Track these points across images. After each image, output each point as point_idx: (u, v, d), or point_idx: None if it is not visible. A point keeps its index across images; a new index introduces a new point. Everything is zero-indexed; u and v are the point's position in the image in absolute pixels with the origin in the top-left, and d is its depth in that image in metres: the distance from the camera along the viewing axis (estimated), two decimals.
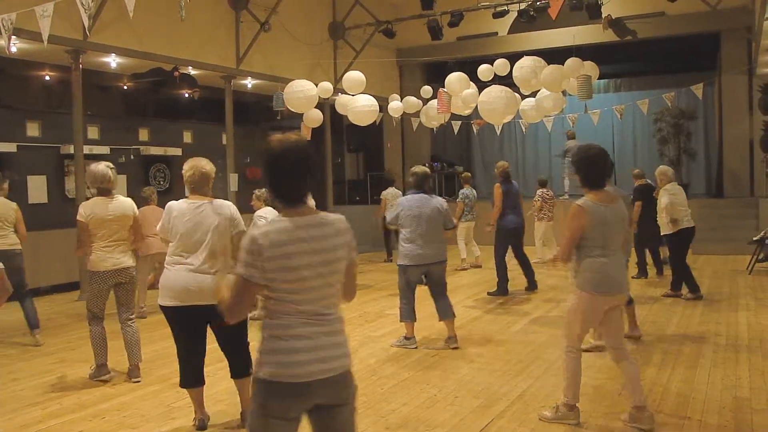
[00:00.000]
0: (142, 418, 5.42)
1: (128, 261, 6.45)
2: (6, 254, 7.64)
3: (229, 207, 5.16)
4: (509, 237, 10.56)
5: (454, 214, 13.25)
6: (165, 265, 5.03)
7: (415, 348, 7.44)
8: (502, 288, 10.48)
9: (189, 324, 5.02)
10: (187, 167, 5.10)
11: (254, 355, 2.93)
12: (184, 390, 6.01)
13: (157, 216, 9.29)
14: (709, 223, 15.47)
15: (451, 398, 5.71)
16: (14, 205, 8.00)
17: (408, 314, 7.51)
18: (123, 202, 6.42)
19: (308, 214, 2.90)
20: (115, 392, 6.12)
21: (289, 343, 2.81)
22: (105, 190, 6.30)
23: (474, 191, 13.39)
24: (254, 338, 5.22)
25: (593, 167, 4.87)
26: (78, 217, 6.22)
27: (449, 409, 5.44)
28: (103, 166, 6.30)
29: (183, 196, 5.20)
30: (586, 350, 7.01)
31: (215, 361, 5.76)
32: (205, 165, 5.13)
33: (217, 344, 5.21)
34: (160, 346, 7.68)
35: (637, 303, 9.50)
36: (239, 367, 5.19)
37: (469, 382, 6.14)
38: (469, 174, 14.04)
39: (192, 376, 5.15)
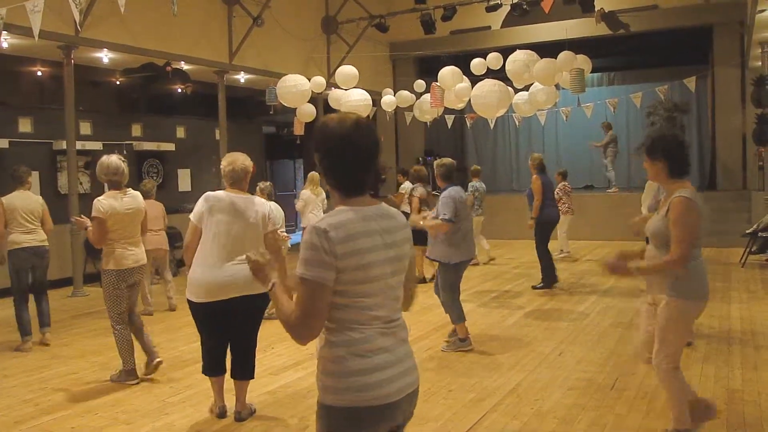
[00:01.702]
0: (136, 414, 5.42)
1: (144, 258, 6.38)
2: (38, 251, 7.57)
3: (265, 204, 5.16)
4: (550, 230, 10.50)
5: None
6: (195, 259, 4.95)
7: (471, 349, 7.06)
8: (552, 278, 10.42)
9: (217, 317, 5.02)
10: (226, 162, 5.08)
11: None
12: (177, 385, 6.04)
13: (156, 211, 9.27)
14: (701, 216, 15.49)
15: (445, 392, 5.73)
16: (40, 199, 7.78)
17: (462, 315, 7.14)
18: (136, 195, 6.29)
19: (371, 204, 2.52)
20: (109, 388, 6.11)
21: (373, 360, 2.42)
22: (117, 182, 6.13)
23: (483, 185, 13.26)
24: (264, 338, 5.32)
25: (686, 153, 4.30)
26: (95, 214, 5.95)
27: (443, 403, 5.45)
28: (115, 158, 6.16)
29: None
30: None
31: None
32: (245, 160, 5.11)
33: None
34: (153, 342, 7.67)
35: (629, 297, 9.55)
36: (243, 368, 5.19)
37: (462, 376, 6.16)
38: (479, 167, 13.90)
39: (214, 365, 5.18)
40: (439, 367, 6.47)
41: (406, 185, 13.36)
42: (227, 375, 5.26)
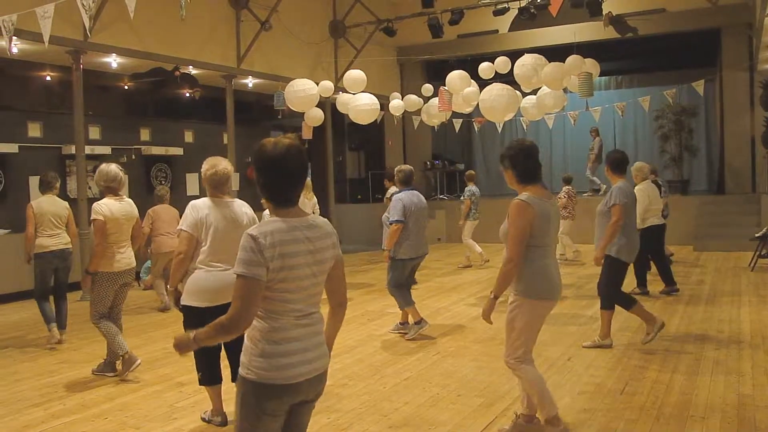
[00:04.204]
0: (145, 418, 5.42)
1: (134, 261, 6.62)
2: (62, 254, 7.81)
3: (248, 207, 5.22)
4: None
5: (461, 212, 13.32)
6: (198, 265, 4.93)
7: (429, 326, 7.80)
8: None
9: None
10: (208, 166, 5.08)
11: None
12: (186, 389, 6.05)
13: (171, 214, 9.48)
14: (710, 219, 15.47)
15: (454, 397, 5.71)
16: (66, 203, 8.05)
17: (410, 300, 7.85)
18: (130, 202, 6.57)
19: (299, 216, 2.95)
20: (118, 392, 6.12)
21: (283, 347, 2.86)
22: (113, 189, 6.39)
23: (478, 189, 13.49)
24: None
25: (531, 160, 4.59)
26: (96, 216, 6.22)
27: (451, 408, 5.44)
28: (114, 166, 6.45)
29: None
30: (590, 347, 7.03)
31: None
32: (227, 165, 5.14)
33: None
34: (161, 346, 7.69)
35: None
36: None
37: (471, 381, 6.14)
38: (473, 172, 14.14)
39: (216, 372, 5.13)
40: (446, 372, 6.46)
41: (393, 190, 13.43)
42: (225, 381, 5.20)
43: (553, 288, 4.57)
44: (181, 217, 9.56)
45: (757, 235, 12.18)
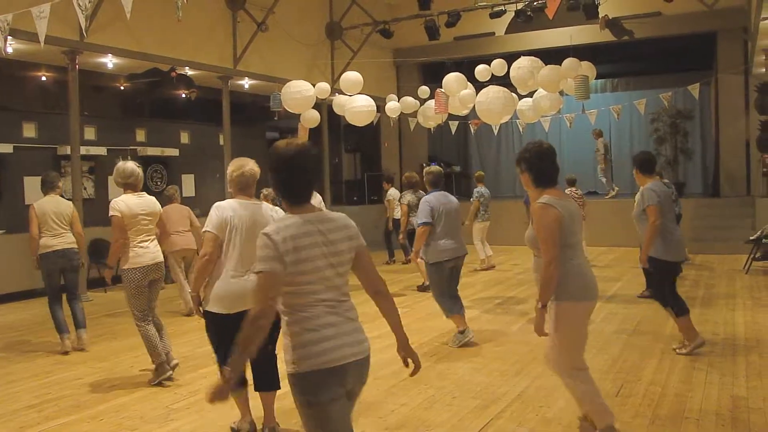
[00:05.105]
0: (141, 420, 5.41)
1: (161, 255, 6.54)
2: (66, 254, 7.69)
3: (271, 209, 5.10)
4: None
5: (468, 213, 13.30)
6: (224, 272, 4.78)
7: (472, 337, 7.47)
8: None
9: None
10: (235, 167, 4.95)
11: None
12: (182, 391, 6.04)
13: (181, 214, 9.51)
14: (705, 222, 15.50)
15: (450, 398, 5.72)
16: (71, 203, 7.95)
17: (455, 307, 7.55)
18: (150, 198, 6.53)
19: (314, 211, 3.11)
20: (113, 394, 6.11)
21: (320, 333, 2.98)
22: (132, 185, 6.38)
23: (488, 190, 13.45)
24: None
25: (549, 163, 4.47)
26: (112, 213, 6.22)
27: (448, 410, 5.45)
28: (130, 163, 6.45)
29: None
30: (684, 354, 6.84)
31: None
32: (253, 165, 4.99)
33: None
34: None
35: (633, 303, 9.54)
36: (269, 378, 4.99)
37: (467, 383, 6.15)
38: (483, 173, 14.12)
39: (239, 378, 4.93)
40: (443, 373, 6.46)
41: (392, 192, 13.38)
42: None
43: (589, 287, 4.43)
44: (191, 215, 9.70)
45: (751, 238, 12.22)
